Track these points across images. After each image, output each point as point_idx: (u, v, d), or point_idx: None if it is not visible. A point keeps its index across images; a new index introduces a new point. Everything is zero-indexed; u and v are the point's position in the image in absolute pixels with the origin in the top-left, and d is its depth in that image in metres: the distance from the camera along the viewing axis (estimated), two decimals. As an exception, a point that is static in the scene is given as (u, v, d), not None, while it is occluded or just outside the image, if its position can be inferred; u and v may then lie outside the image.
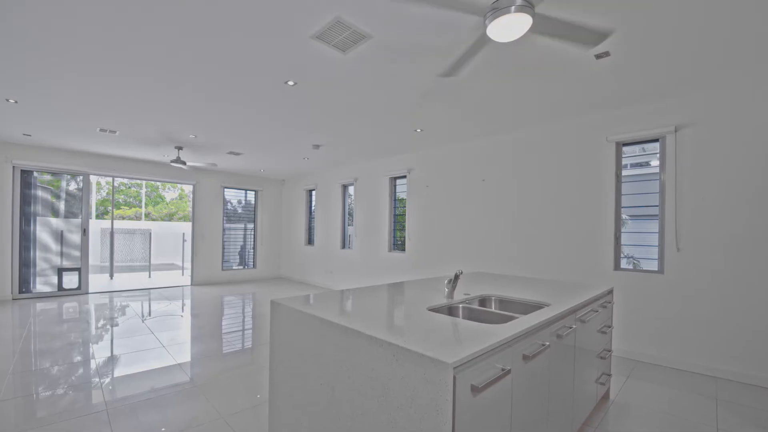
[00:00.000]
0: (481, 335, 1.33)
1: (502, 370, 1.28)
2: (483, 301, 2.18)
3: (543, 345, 1.56)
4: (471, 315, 1.93)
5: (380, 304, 1.84)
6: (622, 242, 3.78)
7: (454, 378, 1.08)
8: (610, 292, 2.63)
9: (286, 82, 3.27)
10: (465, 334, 1.35)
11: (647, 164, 4.00)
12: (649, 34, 2.40)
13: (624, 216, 3.81)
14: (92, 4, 2.17)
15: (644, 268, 3.67)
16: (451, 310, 1.92)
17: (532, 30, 2.06)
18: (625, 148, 3.81)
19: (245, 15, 2.27)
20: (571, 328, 1.85)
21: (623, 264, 3.79)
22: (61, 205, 6.43)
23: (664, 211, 3.45)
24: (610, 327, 2.57)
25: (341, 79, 3.18)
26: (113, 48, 2.69)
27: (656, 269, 3.54)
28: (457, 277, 1.98)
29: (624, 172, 3.81)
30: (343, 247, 7.41)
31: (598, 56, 2.69)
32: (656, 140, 3.57)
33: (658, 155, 3.61)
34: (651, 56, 2.68)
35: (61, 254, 6.37)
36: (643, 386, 2.97)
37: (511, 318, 1.74)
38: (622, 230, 3.78)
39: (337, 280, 7.39)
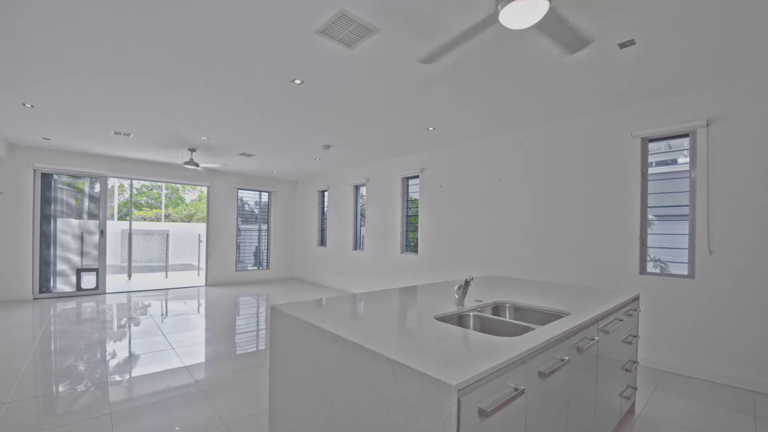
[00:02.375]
0: (491, 350, 1.20)
1: (515, 389, 1.15)
2: (496, 308, 2.04)
3: (562, 360, 1.42)
4: (482, 325, 1.79)
5: (384, 313, 1.72)
6: (649, 244, 3.55)
7: (459, 401, 0.96)
8: (636, 298, 2.44)
9: (293, 81, 3.20)
10: (474, 348, 1.22)
11: (674, 162, 3.75)
12: (677, 20, 2.21)
13: (650, 216, 3.58)
14: (96, 6, 2.14)
15: (673, 273, 3.43)
16: (461, 320, 1.79)
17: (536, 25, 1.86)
18: (650, 145, 3.58)
19: (247, 11, 2.20)
20: (593, 339, 1.69)
21: (650, 268, 3.56)
22: (80, 207, 6.58)
23: (695, 211, 3.21)
24: (636, 336, 2.38)
25: (349, 76, 3.08)
26: (122, 49, 2.67)
27: (686, 273, 3.30)
28: (467, 283, 1.85)
29: (649, 170, 3.58)
30: (355, 248, 7.32)
31: (622, 45, 2.50)
32: (685, 135, 3.34)
33: (685, 152, 3.37)
34: (680, 44, 2.47)
35: (81, 255, 6.52)
36: (672, 400, 2.76)
37: (526, 329, 1.60)
38: (648, 231, 3.55)
39: (350, 282, 7.31)
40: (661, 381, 3.10)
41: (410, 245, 6.16)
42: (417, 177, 5.99)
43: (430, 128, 4.54)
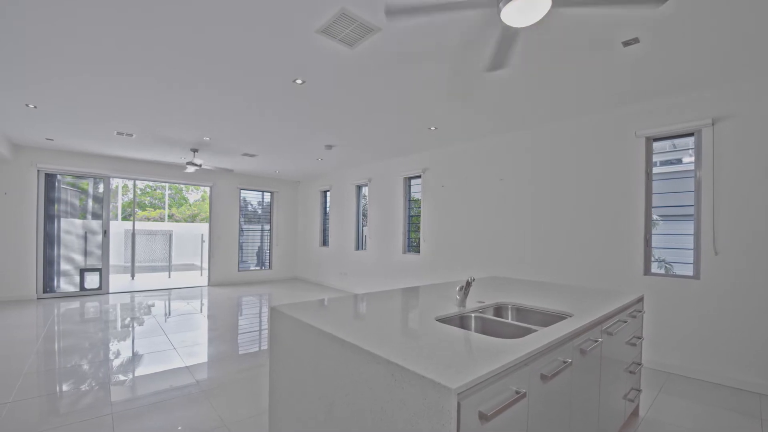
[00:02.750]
0: (493, 353, 1.18)
1: (517, 392, 1.13)
2: (498, 309, 2.02)
3: (564, 362, 1.39)
4: (484, 326, 1.77)
5: (385, 314, 1.71)
6: (653, 245, 3.51)
7: (459, 405, 0.94)
8: (641, 299, 2.41)
9: (294, 81, 3.19)
10: (475, 351, 1.20)
11: (678, 161, 3.72)
12: (682, 17, 2.18)
13: (655, 216, 3.54)
14: (96, 6, 2.14)
15: (678, 273, 3.39)
16: (462, 321, 1.77)
17: (557, 4, 1.81)
18: (654, 144, 3.54)
19: (247, 10, 2.19)
20: (596, 341, 1.67)
21: (654, 268, 3.52)
22: (83, 207, 6.61)
23: (701, 211, 3.17)
24: (640, 338, 2.35)
25: (350, 76, 3.07)
26: (122, 49, 2.67)
27: (691, 274, 3.26)
28: (468, 284, 1.83)
29: (653, 170, 3.54)
30: (358, 248, 7.31)
31: (626, 43, 2.47)
32: (690, 134, 3.30)
33: (690, 151, 3.33)
34: (685, 42, 2.44)
35: (85, 254, 6.55)
36: (677, 402, 2.73)
37: (528, 330, 1.58)
38: (653, 232, 3.52)
39: (352, 282, 7.30)
40: (666, 383, 3.07)
41: (412, 245, 6.14)
42: (419, 177, 5.97)
43: (432, 128, 4.52)
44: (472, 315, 1.80)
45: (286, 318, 1.65)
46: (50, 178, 6.20)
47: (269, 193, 8.99)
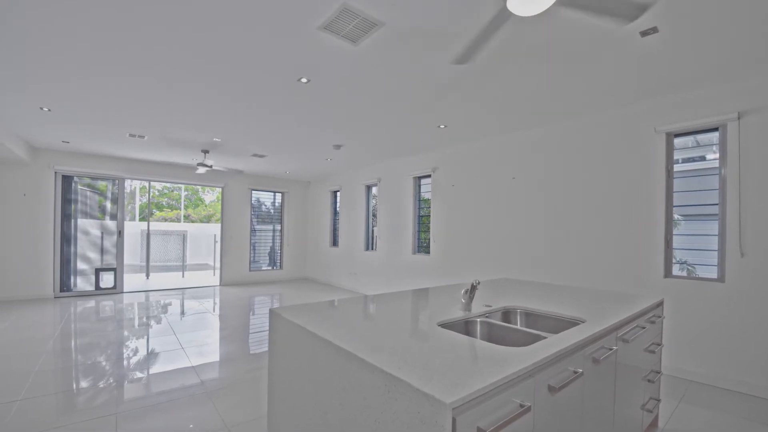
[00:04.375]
0: (496, 362, 1.10)
1: (521, 406, 1.05)
2: (506, 314, 1.92)
3: (575, 372, 1.30)
4: (490, 332, 1.68)
5: (386, 318, 1.64)
6: (674, 246, 3.34)
7: (454, 420, 0.87)
8: (660, 304, 2.28)
9: (299, 80, 3.16)
10: (477, 360, 1.12)
11: (701, 158, 3.53)
12: (702, 5, 2.04)
13: (676, 216, 3.37)
14: (96, 6, 2.14)
15: (701, 276, 3.22)
16: (467, 326, 1.69)
17: (560, 2, 1.77)
18: (675, 140, 3.37)
19: (248, 7, 2.15)
20: (611, 349, 1.56)
21: (675, 270, 3.35)
22: (100, 208, 6.75)
23: (726, 211, 3.00)
24: (659, 345, 2.22)
25: (355, 73, 3.01)
26: (125, 50, 2.68)
27: (715, 277, 3.09)
28: (474, 287, 1.75)
29: (674, 167, 3.37)
30: (367, 248, 7.26)
31: (644, 33, 2.34)
32: (715, 130, 3.12)
33: (714, 147, 3.15)
34: (707, 31, 2.29)
35: (102, 254, 6.69)
36: (698, 412, 2.57)
37: (537, 337, 1.49)
38: (674, 232, 3.34)
39: (362, 283, 7.25)
40: (687, 392, 2.91)
41: (422, 246, 6.05)
42: (429, 176, 5.88)
43: (442, 126, 4.43)
44: (478, 320, 1.72)
45: (284, 321, 1.60)
46: (67, 180, 6.34)
47: (280, 194, 9.03)
